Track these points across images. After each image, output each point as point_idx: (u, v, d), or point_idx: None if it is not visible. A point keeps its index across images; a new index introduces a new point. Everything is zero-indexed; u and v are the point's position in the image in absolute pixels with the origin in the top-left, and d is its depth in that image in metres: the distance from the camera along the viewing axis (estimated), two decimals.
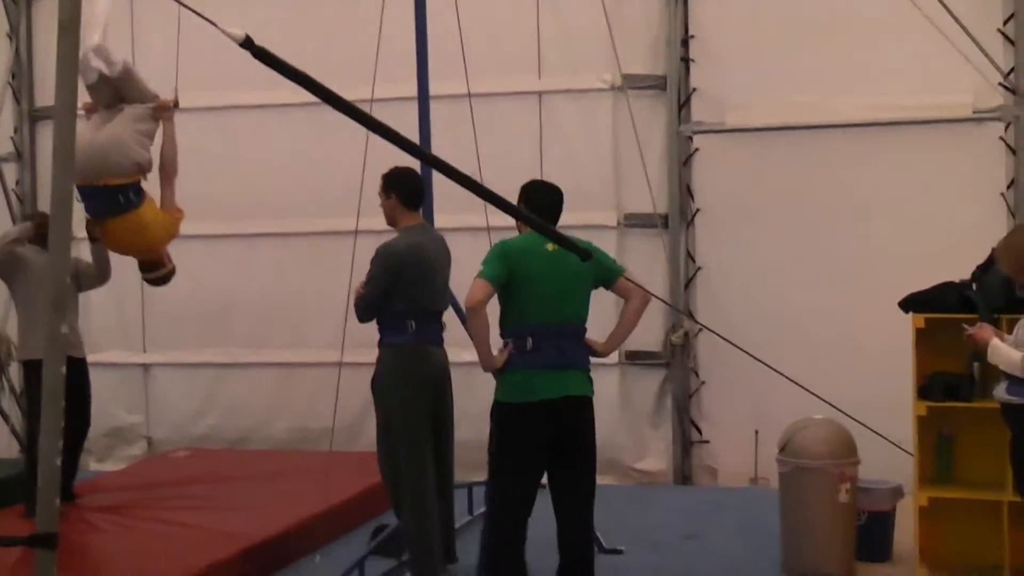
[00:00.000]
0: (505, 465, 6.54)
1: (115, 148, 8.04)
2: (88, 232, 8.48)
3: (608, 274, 6.70)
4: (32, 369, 8.48)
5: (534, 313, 6.48)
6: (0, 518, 8.29)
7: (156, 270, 8.61)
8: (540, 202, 6.72)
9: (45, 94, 11.84)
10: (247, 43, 4.68)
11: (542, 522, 6.39)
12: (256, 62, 4.77)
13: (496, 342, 6.58)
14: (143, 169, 8.22)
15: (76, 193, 8.24)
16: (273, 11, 10.93)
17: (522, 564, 6.55)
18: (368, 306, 7.29)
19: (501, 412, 6.54)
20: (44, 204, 9.84)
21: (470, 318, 6.45)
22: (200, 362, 11.41)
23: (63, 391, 4.32)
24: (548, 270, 6.51)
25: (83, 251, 9.02)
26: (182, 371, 11.11)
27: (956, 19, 8.54)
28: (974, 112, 9.79)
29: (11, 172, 11.85)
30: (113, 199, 8.09)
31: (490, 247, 8.81)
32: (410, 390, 7.27)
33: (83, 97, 8.43)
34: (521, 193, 6.82)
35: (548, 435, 6.42)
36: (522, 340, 6.45)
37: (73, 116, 4.51)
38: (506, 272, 6.46)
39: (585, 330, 6.61)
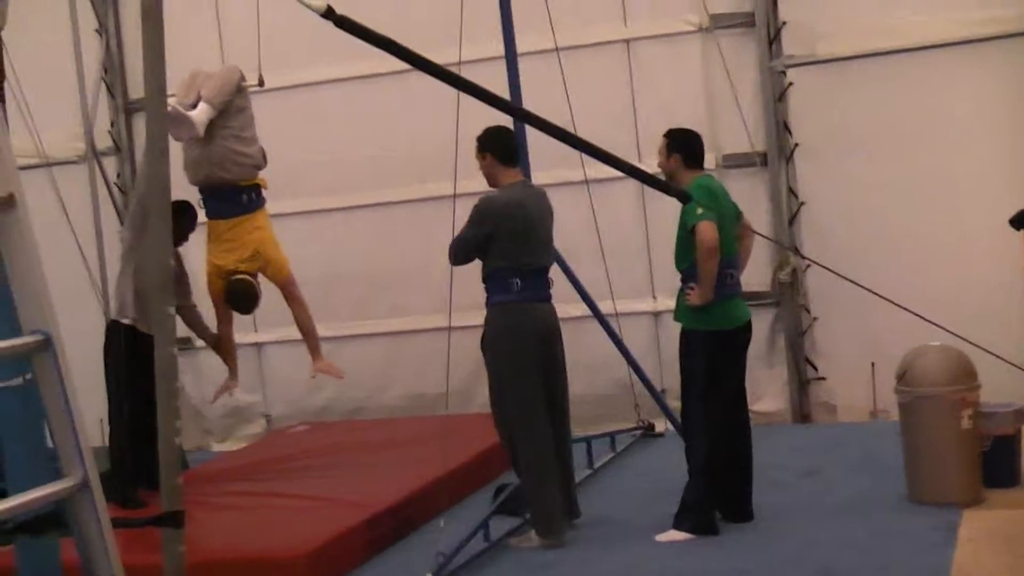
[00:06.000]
0: (720, 389, 7.35)
1: (230, 159, 8.40)
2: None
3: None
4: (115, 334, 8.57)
5: (727, 247, 7.27)
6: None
7: (249, 299, 8.63)
8: (699, 148, 7.58)
9: (138, 86, 11.96)
10: (329, 13, 4.71)
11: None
12: (339, 34, 4.80)
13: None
14: (260, 166, 8.62)
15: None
16: None
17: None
18: (461, 250, 7.44)
19: (712, 340, 7.30)
20: None
21: (711, 257, 7.10)
22: None
23: (176, 372, 4.39)
24: (726, 207, 7.41)
25: None
26: (294, 347, 11.15)
27: None
28: None
29: (111, 166, 12.01)
30: (236, 199, 8.49)
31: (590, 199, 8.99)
32: (519, 347, 7.31)
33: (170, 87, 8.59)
34: (676, 142, 7.53)
35: (744, 356, 7.55)
36: (724, 272, 7.22)
37: (164, 102, 4.55)
38: (716, 211, 7.18)
39: None
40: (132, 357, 8.25)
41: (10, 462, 4.04)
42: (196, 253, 9.02)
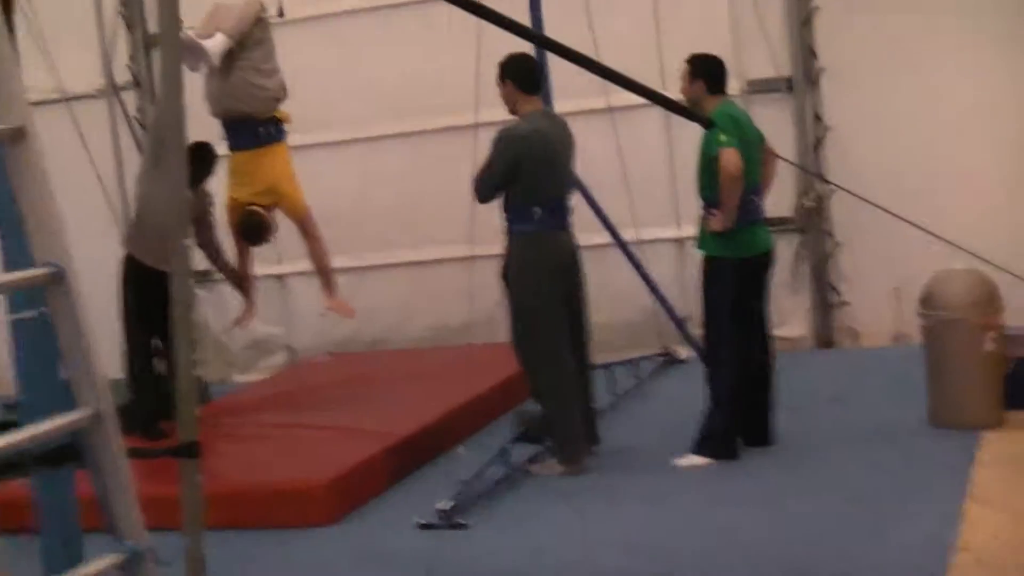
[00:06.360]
0: (743, 316, 7.34)
1: (247, 91, 8.48)
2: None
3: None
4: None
5: (751, 174, 7.21)
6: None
7: (259, 231, 8.71)
8: (721, 74, 7.47)
9: (157, 20, 11.90)
10: None
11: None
12: None
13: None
14: (280, 99, 8.65)
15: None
16: None
17: None
18: (487, 186, 7.38)
19: (735, 268, 7.27)
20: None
21: (735, 184, 7.06)
22: (335, 268, 11.47)
23: (192, 304, 4.40)
24: (749, 134, 7.34)
25: None
26: (317, 279, 11.26)
27: None
28: None
29: (131, 100, 11.98)
30: (254, 132, 8.56)
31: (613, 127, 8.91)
32: (540, 275, 7.31)
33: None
34: (699, 68, 7.42)
35: (767, 283, 7.55)
36: (747, 198, 7.18)
37: (177, 35, 4.54)
38: (739, 138, 7.14)
39: None
40: (138, 286, 8.31)
41: (26, 394, 4.06)
42: (221, 189, 9.03)
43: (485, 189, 7.44)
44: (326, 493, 7.00)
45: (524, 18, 8.14)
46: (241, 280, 9.09)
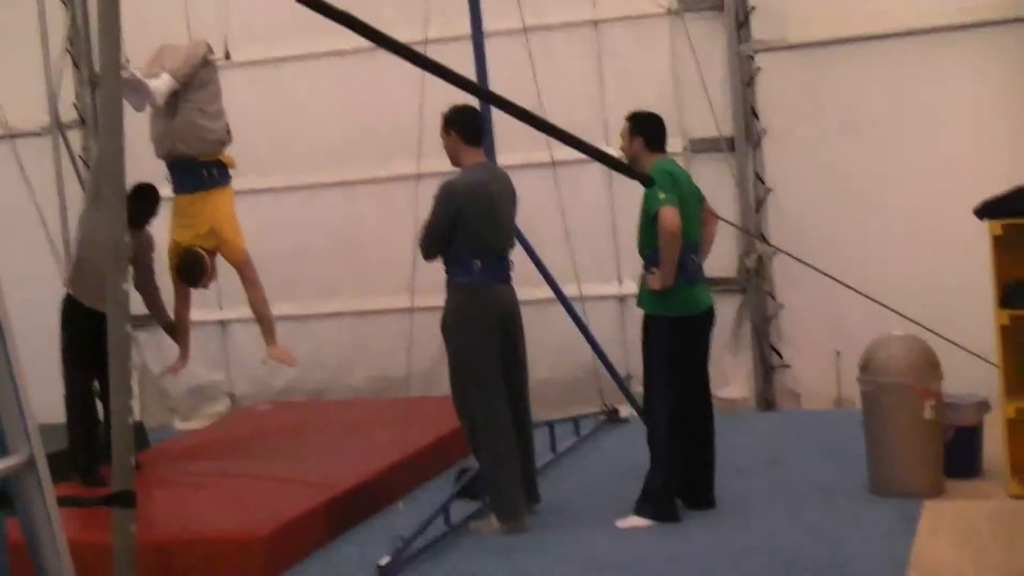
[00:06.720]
0: (682, 376, 7.33)
1: (192, 133, 8.41)
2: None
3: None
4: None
5: (690, 232, 7.23)
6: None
7: (197, 272, 8.58)
8: (661, 132, 7.51)
9: None
10: None
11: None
12: (305, 10, 4.74)
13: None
14: (225, 142, 8.61)
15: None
16: None
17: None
18: (431, 243, 7.35)
19: (674, 326, 7.26)
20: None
21: (673, 243, 7.06)
22: (276, 315, 11.37)
23: (129, 349, 4.32)
24: (688, 192, 7.35)
25: None
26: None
27: None
28: None
29: (76, 139, 11.88)
30: (198, 174, 8.50)
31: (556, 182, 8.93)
32: (478, 329, 7.28)
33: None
34: (638, 125, 7.46)
35: (707, 342, 7.51)
36: (686, 257, 7.19)
37: (118, 74, 4.48)
38: (678, 196, 7.15)
39: None
40: (78, 327, 8.19)
41: None
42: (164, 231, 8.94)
43: (429, 245, 7.41)
44: (265, 545, 6.88)
45: (469, 70, 8.15)
46: (174, 327, 8.96)
